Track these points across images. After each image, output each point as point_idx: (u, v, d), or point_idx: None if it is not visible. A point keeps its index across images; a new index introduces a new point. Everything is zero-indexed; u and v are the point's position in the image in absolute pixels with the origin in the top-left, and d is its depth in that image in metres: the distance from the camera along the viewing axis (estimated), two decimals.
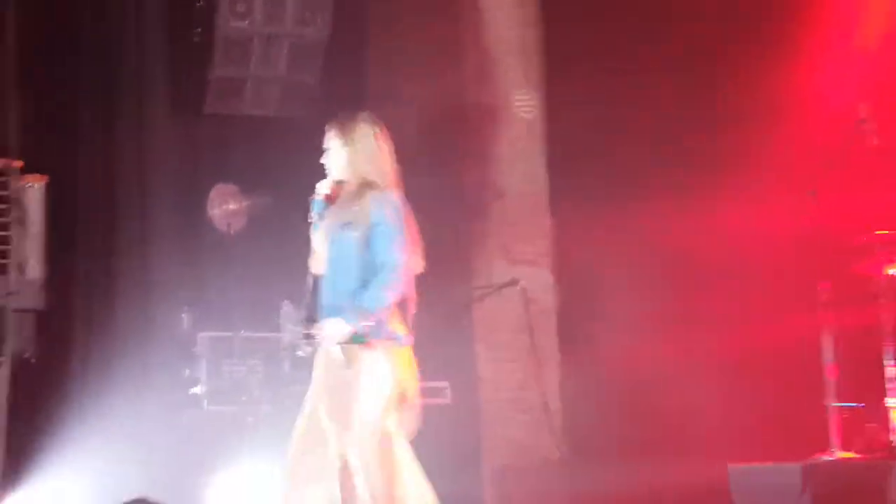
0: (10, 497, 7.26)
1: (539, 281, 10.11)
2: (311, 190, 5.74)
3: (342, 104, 10.07)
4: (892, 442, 7.60)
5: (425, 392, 8.94)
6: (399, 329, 5.56)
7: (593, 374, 9.72)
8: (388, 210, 5.56)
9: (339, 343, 5.40)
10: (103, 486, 6.85)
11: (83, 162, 9.11)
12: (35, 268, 8.00)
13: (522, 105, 10.06)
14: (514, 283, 9.90)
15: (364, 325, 5.38)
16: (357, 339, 5.39)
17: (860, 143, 7.90)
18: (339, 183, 5.64)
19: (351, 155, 5.58)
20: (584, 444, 9.75)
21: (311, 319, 5.49)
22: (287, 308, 8.64)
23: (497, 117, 10.15)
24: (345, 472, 5.43)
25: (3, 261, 7.86)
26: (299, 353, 5.60)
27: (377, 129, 5.66)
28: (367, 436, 5.40)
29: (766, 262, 9.41)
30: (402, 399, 5.56)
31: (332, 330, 5.40)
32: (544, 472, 9.77)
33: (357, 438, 5.40)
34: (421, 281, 9.92)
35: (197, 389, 8.37)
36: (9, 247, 7.87)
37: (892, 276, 7.90)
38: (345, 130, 5.60)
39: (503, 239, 10.08)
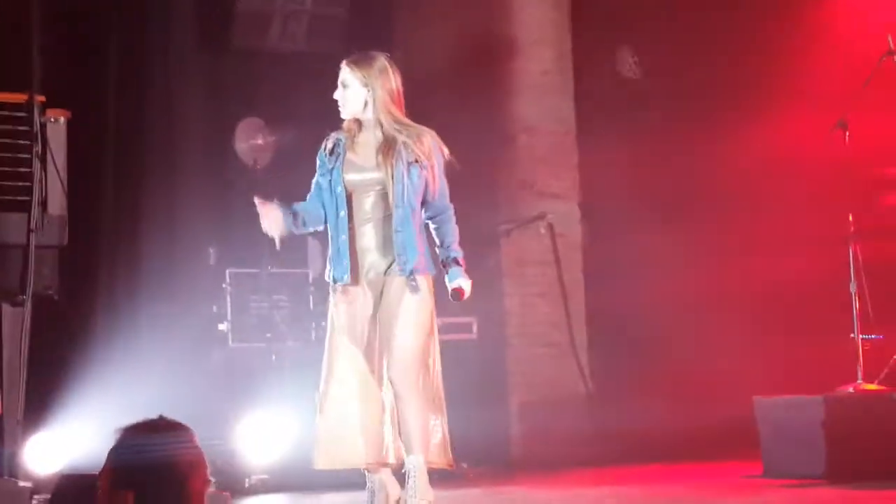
0: (34, 436, 7.27)
1: (566, 215, 10.05)
2: (339, 125, 5.69)
3: (369, 38, 10.04)
4: None
5: (452, 327, 9.00)
6: (431, 262, 5.59)
7: (620, 309, 9.67)
8: (441, 152, 5.56)
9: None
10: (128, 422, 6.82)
11: (109, 97, 9.06)
12: (57, 204, 7.95)
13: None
14: (541, 216, 9.84)
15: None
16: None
17: (889, 74, 7.77)
18: (356, 121, 5.59)
19: (372, 94, 5.51)
20: (610, 378, 9.73)
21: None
22: (314, 244, 8.61)
23: (525, 51, 10.04)
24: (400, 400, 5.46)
25: (25, 197, 7.81)
26: None
27: (394, 69, 5.58)
28: (407, 365, 5.38)
29: (793, 193, 9.31)
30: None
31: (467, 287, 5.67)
32: (571, 408, 9.76)
33: (399, 366, 5.38)
34: None
35: (223, 326, 8.36)
36: (30, 183, 7.82)
37: None
38: (365, 69, 5.53)
39: (530, 173, 10.01)
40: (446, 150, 5.67)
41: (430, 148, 5.56)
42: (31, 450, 7.28)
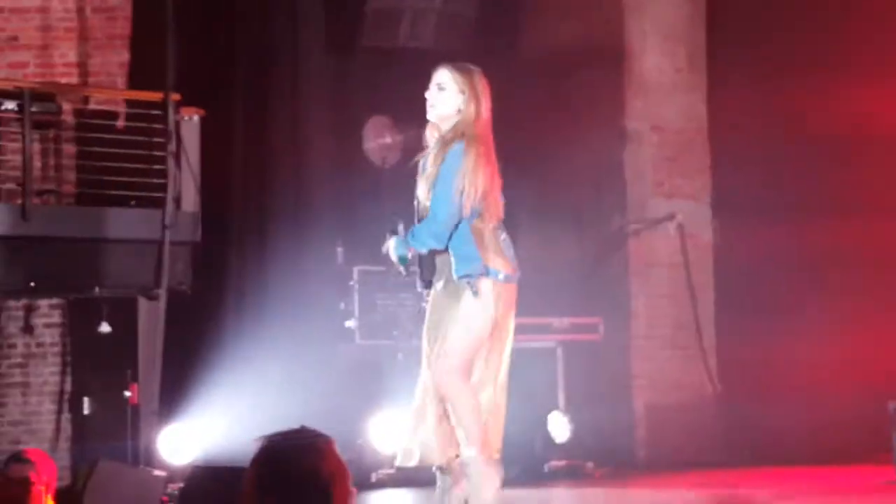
0: (168, 427, 7.41)
1: (696, 216, 9.93)
2: None
3: (497, 35, 10.04)
4: None
5: (578, 328, 8.96)
6: (499, 265, 5.47)
7: (750, 311, 9.53)
8: (450, 160, 5.46)
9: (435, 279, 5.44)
10: (256, 418, 6.95)
11: (239, 95, 9.19)
12: (190, 201, 8.10)
13: None
14: (670, 217, 9.74)
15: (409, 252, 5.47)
16: (402, 261, 5.48)
17: None
18: (435, 127, 5.58)
19: (465, 104, 5.50)
20: (738, 380, 9.59)
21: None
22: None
23: (657, 47, 9.95)
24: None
25: (160, 194, 7.98)
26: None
27: (486, 87, 5.56)
28: (446, 368, 5.38)
29: None
30: (494, 335, 5.49)
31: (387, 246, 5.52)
32: (698, 409, 9.65)
33: (438, 369, 5.40)
34: (576, 215, 9.91)
35: (350, 323, 8.42)
36: (165, 180, 7.98)
37: None
38: (466, 77, 5.51)
39: (660, 173, 9.91)
40: (474, 161, 5.52)
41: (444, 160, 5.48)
42: (165, 440, 7.42)
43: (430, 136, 5.55)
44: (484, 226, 5.49)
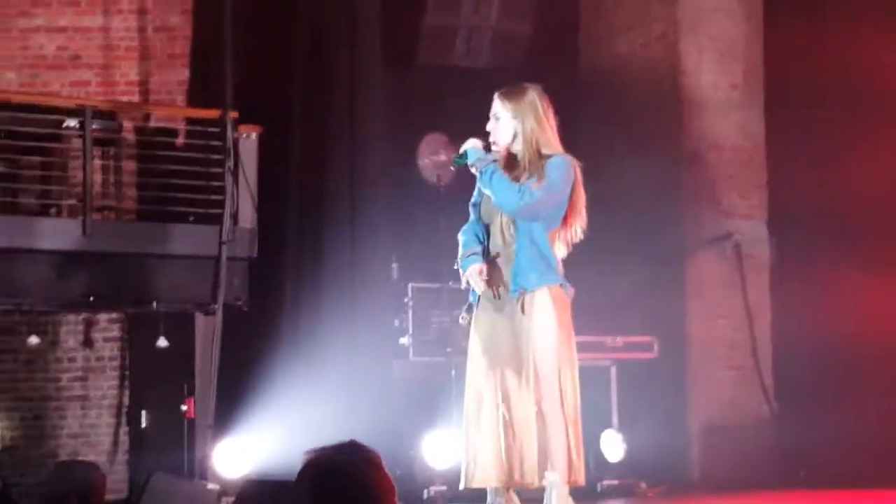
0: (222, 443, 7.46)
1: (753, 235, 9.87)
2: None
3: (554, 54, 10.05)
4: None
5: (632, 346, 8.94)
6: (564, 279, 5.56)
7: (806, 331, 9.45)
8: (559, 170, 5.54)
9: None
10: (310, 433, 6.98)
11: (295, 113, 9.26)
12: (247, 217, 8.18)
13: None
14: (727, 236, 9.69)
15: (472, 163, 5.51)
16: (459, 159, 5.55)
17: None
18: (508, 152, 5.67)
19: (521, 127, 5.58)
20: (795, 401, 9.52)
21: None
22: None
23: (714, 64, 9.91)
24: (539, 418, 5.46)
25: (218, 210, 8.06)
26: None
27: (545, 103, 5.62)
28: (557, 391, 5.40)
29: None
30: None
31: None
32: (754, 430, 9.58)
33: (551, 392, 5.45)
34: (632, 233, 9.88)
35: (404, 340, 8.45)
36: (223, 196, 8.06)
37: None
38: (515, 102, 5.60)
39: (717, 191, 9.86)
40: (577, 173, 5.59)
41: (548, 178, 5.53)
42: (219, 454, 7.48)
43: (504, 159, 5.62)
44: (557, 239, 5.54)
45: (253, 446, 7.46)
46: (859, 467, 8.61)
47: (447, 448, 7.88)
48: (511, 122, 5.61)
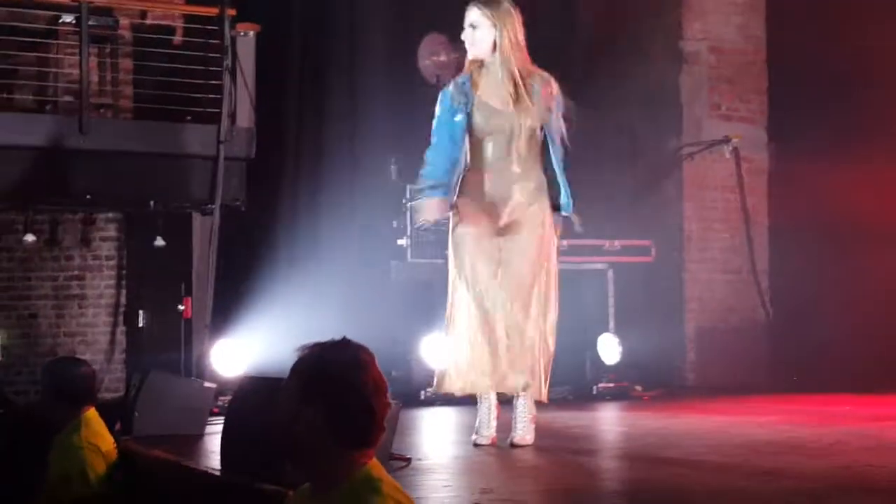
0: (219, 343, 7.49)
1: (752, 139, 9.84)
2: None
3: None
4: None
5: (630, 250, 8.94)
6: None
7: (804, 237, 9.46)
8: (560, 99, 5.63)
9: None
10: (308, 333, 6.99)
11: (294, 11, 9.17)
12: (245, 117, 8.13)
13: None
14: (726, 140, 9.66)
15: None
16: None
17: None
18: (478, 63, 5.62)
19: (500, 35, 5.52)
20: (792, 305, 9.56)
21: None
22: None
23: None
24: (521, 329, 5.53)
25: (216, 109, 8.01)
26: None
27: (517, 12, 5.61)
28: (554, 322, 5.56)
29: None
30: None
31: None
32: (749, 334, 9.63)
33: (550, 322, 5.58)
34: (630, 137, 9.84)
35: (402, 241, 8.45)
36: (220, 96, 8.01)
37: None
38: (495, 9, 5.58)
39: (717, 95, 9.81)
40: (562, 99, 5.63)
41: (557, 93, 5.55)
42: (217, 353, 7.52)
43: (475, 69, 5.59)
44: None
45: (250, 346, 7.49)
46: (853, 372, 8.68)
47: (444, 349, 7.91)
48: (491, 31, 5.58)
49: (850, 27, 9.25)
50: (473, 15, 5.62)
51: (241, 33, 8.24)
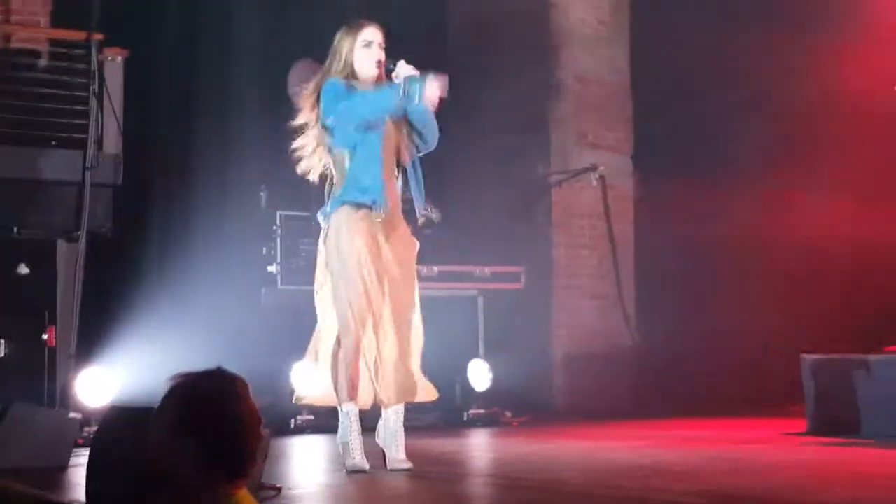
0: (84, 372, 7.36)
1: (618, 167, 10.03)
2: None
3: None
4: None
5: (500, 276, 9.02)
6: None
7: (669, 262, 9.65)
8: None
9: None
10: (177, 362, 6.91)
11: (164, 36, 9.09)
12: (112, 142, 8.01)
13: None
14: (592, 168, 9.81)
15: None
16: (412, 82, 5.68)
17: None
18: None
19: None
20: (657, 331, 9.73)
21: None
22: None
23: (585, 1, 9.98)
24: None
25: (82, 135, 7.89)
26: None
27: None
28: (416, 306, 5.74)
29: (867, 141, 9.12)
30: None
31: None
32: (616, 360, 9.78)
33: (418, 316, 5.70)
34: (500, 164, 9.94)
35: (273, 268, 8.41)
36: (87, 121, 7.89)
37: None
38: (384, 35, 5.87)
39: (583, 124, 9.98)
40: None
41: None
42: (82, 383, 7.39)
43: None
44: None
45: (116, 375, 7.37)
46: (715, 396, 8.86)
47: (317, 376, 7.88)
48: (381, 52, 5.71)
49: (708, 58, 9.50)
50: (379, 35, 5.86)
51: (109, 58, 8.13)
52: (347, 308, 5.57)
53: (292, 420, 7.88)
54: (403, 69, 5.68)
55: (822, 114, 9.24)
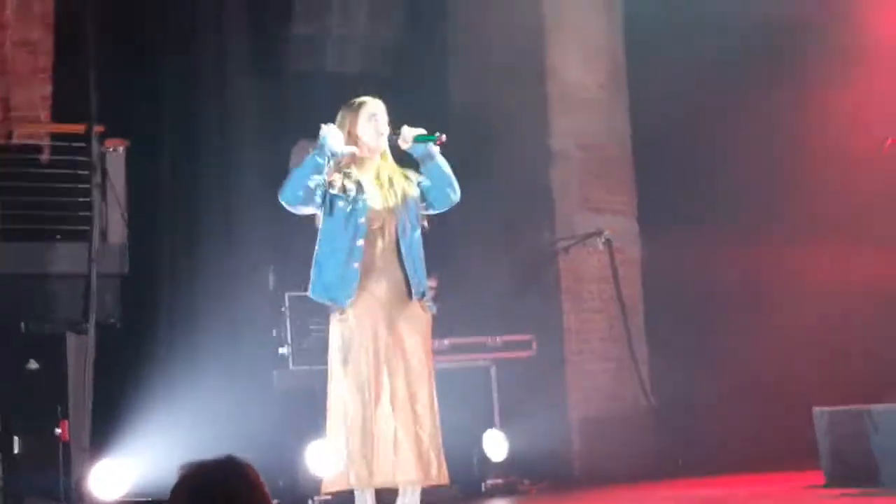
0: (98, 465, 7.34)
1: (624, 230, 10.02)
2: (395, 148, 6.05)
3: (423, 60, 10.07)
4: None
5: (511, 345, 8.99)
6: None
7: (680, 323, 9.63)
8: None
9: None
10: (192, 449, 6.89)
11: (165, 125, 9.15)
12: (117, 233, 8.05)
13: None
14: (598, 233, 9.82)
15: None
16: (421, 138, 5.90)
17: None
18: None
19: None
20: (672, 392, 9.68)
21: None
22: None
23: (579, 65, 10.04)
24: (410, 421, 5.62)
25: (85, 227, 7.92)
26: None
27: None
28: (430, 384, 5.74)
29: (865, 189, 9.13)
30: None
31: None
32: (632, 422, 9.72)
33: (427, 375, 5.69)
34: (506, 234, 9.95)
35: (283, 350, 8.40)
36: (91, 213, 7.93)
37: None
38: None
39: (587, 189, 9.99)
40: None
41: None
42: (95, 477, 7.36)
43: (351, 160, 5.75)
44: None
45: (131, 467, 7.34)
46: (730, 455, 8.80)
47: (330, 456, 7.84)
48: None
49: (708, 111, 9.55)
50: (382, 108, 5.95)
51: (111, 149, 8.19)
52: (355, 391, 5.61)
53: (309, 501, 7.82)
54: (409, 132, 5.79)
55: (828, 163, 9.25)
